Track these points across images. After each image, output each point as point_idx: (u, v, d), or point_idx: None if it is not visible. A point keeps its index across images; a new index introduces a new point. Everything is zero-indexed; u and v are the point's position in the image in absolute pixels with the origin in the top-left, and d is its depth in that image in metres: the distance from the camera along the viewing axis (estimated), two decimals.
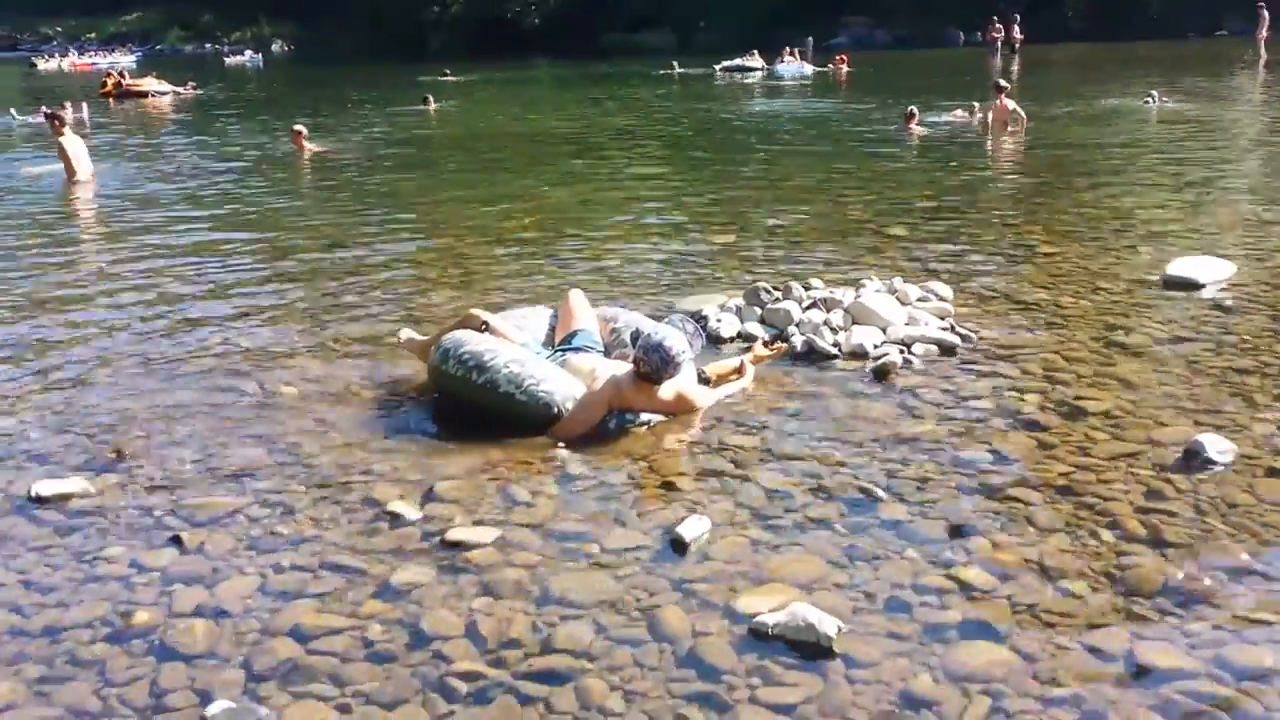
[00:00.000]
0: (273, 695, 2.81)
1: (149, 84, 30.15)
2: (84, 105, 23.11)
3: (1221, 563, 3.29)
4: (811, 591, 3.20)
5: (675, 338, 4.60)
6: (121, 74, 32.11)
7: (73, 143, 12.65)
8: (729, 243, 8.36)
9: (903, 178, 11.84)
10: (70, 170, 12.41)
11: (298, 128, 15.47)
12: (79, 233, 10.26)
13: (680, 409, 4.64)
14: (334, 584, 3.35)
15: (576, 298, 5.37)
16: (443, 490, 3.98)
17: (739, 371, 5.06)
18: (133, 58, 51.56)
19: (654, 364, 4.51)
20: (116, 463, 4.34)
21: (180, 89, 29.97)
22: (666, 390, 4.59)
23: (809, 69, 31.31)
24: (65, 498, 3.98)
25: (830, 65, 31.19)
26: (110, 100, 28.10)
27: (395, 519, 3.76)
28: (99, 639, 3.09)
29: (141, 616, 3.18)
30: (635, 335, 5.03)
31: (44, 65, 49.73)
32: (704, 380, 4.96)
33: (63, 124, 12.62)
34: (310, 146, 15.15)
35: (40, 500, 3.96)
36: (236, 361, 5.66)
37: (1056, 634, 2.95)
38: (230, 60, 51.57)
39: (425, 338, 5.36)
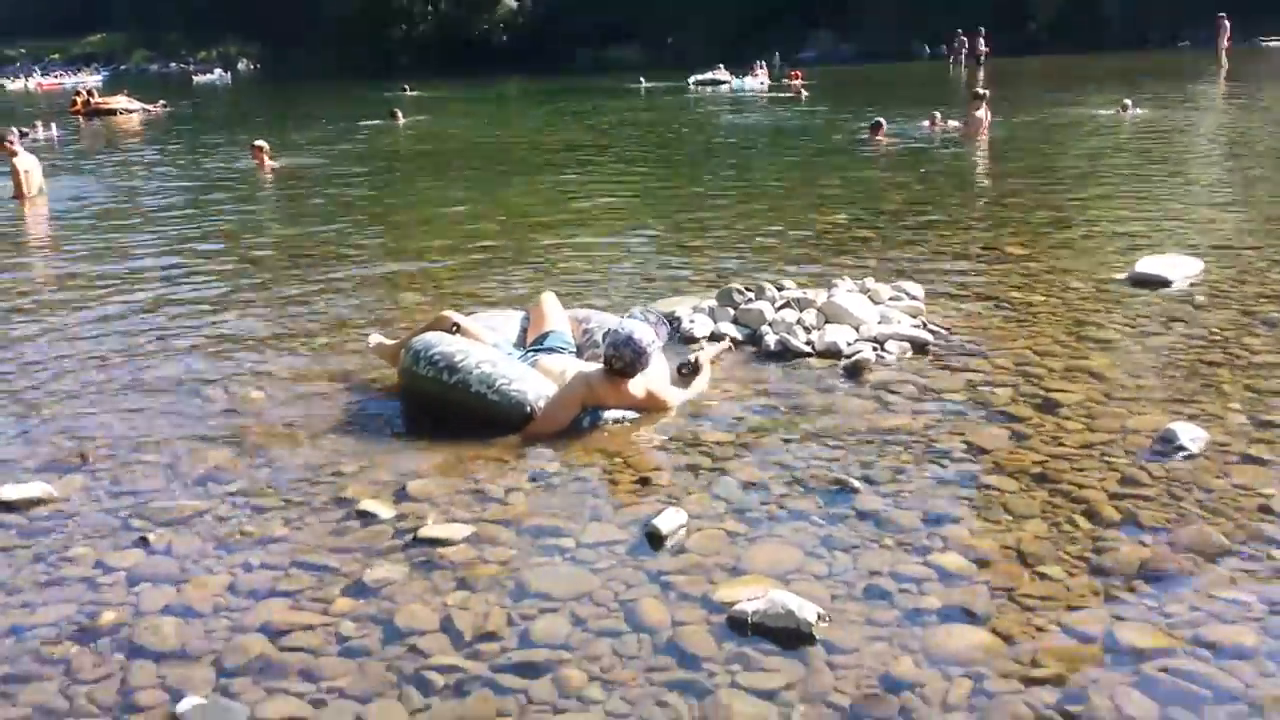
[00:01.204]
0: (245, 691, 2.75)
1: (119, 102, 29.95)
2: (53, 124, 22.93)
3: (1197, 545, 3.28)
4: (789, 581, 3.17)
5: (642, 329, 4.59)
6: (90, 92, 31.89)
7: (25, 160, 12.44)
8: (701, 247, 8.35)
9: (872, 185, 11.88)
10: (19, 188, 12.11)
11: (259, 143, 15.28)
12: (36, 247, 10.13)
13: (652, 405, 4.61)
14: (305, 582, 3.29)
15: (549, 300, 5.35)
16: (415, 489, 3.93)
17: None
18: (99, 77, 51.25)
19: (626, 358, 4.48)
20: (80, 467, 4.27)
21: (150, 106, 29.75)
22: (637, 386, 4.56)
23: (751, 83, 31.73)
24: (29, 502, 3.91)
25: (785, 80, 31.60)
26: (80, 119, 27.86)
27: (367, 518, 3.71)
28: (65, 638, 3.02)
29: (108, 616, 3.11)
30: (607, 335, 5.00)
31: (11, 85, 49.52)
32: (688, 366, 4.94)
33: (12, 143, 12.45)
34: (271, 163, 14.98)
35: (3, 505, 3.88)
36: (201, 368, 5.59)
37: (1035, 616, 2.94)
38: (199, 78, 51.35)
39: (395, 342, 5.31)
